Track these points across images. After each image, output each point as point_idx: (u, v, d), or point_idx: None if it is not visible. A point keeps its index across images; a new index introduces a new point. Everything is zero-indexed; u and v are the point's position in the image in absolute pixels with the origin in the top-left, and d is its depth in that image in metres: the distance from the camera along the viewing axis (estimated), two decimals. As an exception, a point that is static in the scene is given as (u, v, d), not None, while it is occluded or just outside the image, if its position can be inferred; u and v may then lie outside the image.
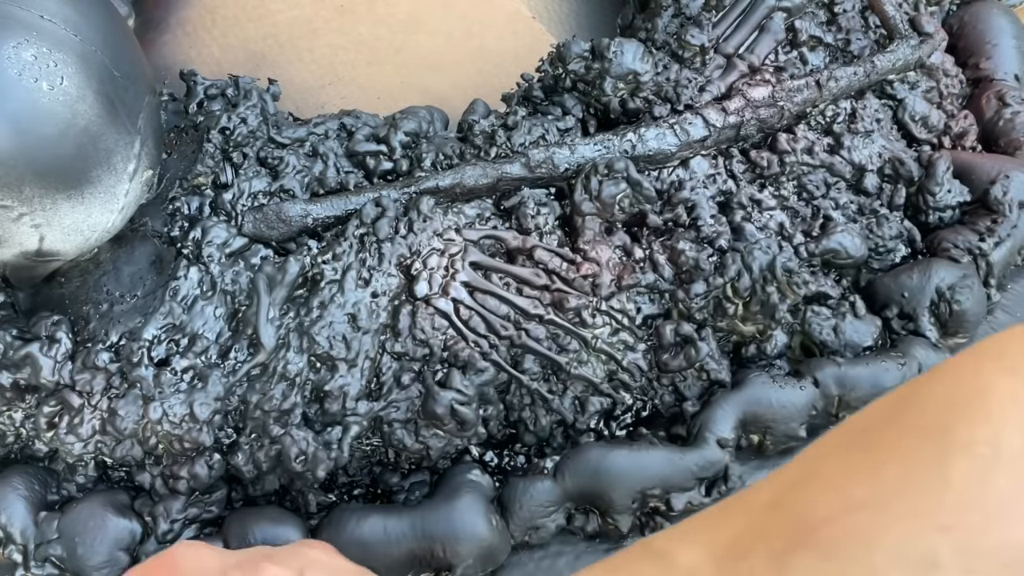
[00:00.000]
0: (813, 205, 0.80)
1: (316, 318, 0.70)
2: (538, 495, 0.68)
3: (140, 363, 0.68)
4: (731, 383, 0.74)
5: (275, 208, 0.74)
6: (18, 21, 0.63)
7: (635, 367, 0.74)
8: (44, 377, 0.68)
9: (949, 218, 0.82)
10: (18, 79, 0.62)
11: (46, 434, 0.69)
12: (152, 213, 0.75)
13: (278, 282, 0.71)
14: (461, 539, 0.65)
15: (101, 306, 0.72)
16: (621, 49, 0.80)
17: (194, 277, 0.71)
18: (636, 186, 0.75)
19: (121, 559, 0.66)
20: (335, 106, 0.89)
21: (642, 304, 0.74)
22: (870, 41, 0.88)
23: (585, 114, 0.82)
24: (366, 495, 0.71)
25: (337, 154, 0.79)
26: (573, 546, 0.69)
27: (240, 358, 0.70)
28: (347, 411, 0.69)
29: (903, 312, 0.77)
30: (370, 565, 0.65)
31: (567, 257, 0.74)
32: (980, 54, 0.91)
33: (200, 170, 0.75)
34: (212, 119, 0.78)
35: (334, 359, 0.70)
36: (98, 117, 0.66)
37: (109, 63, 0.67)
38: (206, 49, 0.96)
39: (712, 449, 0.70)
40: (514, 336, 0.72)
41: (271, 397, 0.69)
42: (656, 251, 0.76)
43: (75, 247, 0.70)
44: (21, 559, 0.67)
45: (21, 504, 0.67)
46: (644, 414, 0.75)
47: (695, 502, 0.70)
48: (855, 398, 0.73)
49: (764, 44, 0.85)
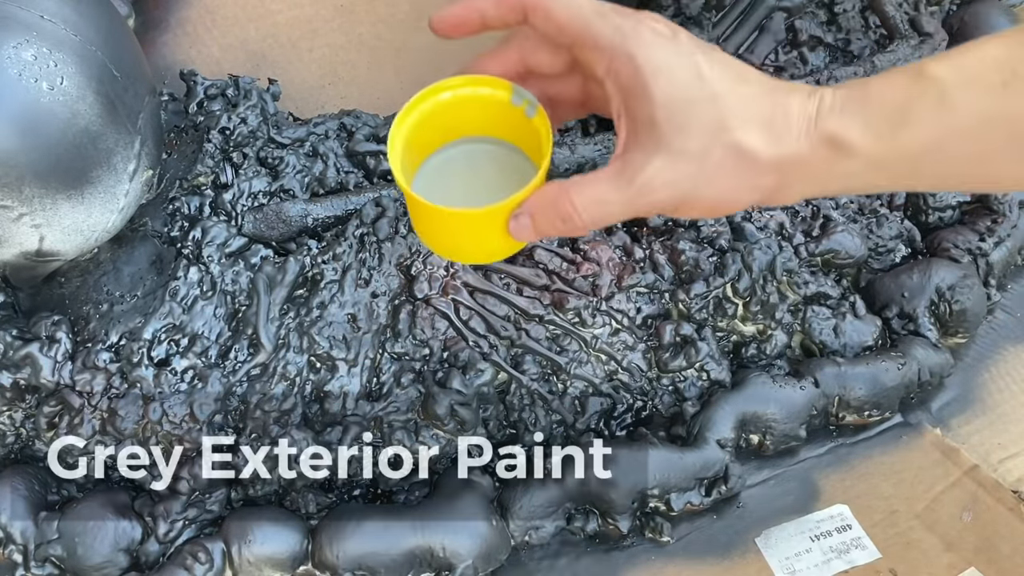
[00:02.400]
0: (813, 205, 0.80)
1: (316, 318, 0.70)
2: (538, 495, 0.68)
3: (140, 363, 0.68)
4: (731, 383, 0.74)
5: (275, 208, 0.74)
6: (18, 21, 0.63)
7: (635, 367, 0.74)
8: (44, 377, 0.68)
9: (949, 218, 0.82)
10: (18, 79, 0.62)
11: (46, 434, 0.69)
12: (152, 213, 0.75)
13: (278, 282, 0.71)
14: (461, 539, 0.65)
15: (101, 306, 0.72)
16: (621, 49, 0.79)
17: (194, 277, 0.71)
18: (636, 186, 0.75)
19: (121, 559, 0.66)
20: (335, 106, 0.89)
21: (642, 304, 0.74)
22: (870, 41, 0.88)
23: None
24: (366, 495, 0.71)
25: (337, 154, 0.79)
26: (573, 546, 0.69)
27: (240, 358, 0.70)
28: (347, 411, 0.69)
29: (903, 312, 0.77)
30: (370, 565, 0.65)
31: (567, 257, 0.74)
32: (980, 54, 0.91)
33: (200, 170, 0.75)
34: (212, 119, 0.78)
35: (334, 359, 0.70)
36: (98, 117, 0.66)
37: (109, 63, 0.67)
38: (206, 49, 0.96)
39: (712, 449, 0.70)
40: (514, 336, 0.72)
41: (271, 397, 0.69)
42: (656, 251, 0.75)
43: (75, 247, 0.70)
44: (21, 559, 0.67)
45: (21, 504, 0.67)
46: (644, 414, 0.75)
47: (695, 502, 0.70)
48: (855, 398, 0.73)
49: (764, 44, 0.85)
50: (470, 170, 0.56)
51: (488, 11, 0.53)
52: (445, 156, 0.56)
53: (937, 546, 0.67)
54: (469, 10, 0.53)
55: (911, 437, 0.73)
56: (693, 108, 0.48)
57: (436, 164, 0.56)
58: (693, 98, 0.48)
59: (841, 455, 0.73)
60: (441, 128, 0.55)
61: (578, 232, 0.52)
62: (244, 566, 0.65)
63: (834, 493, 0.71)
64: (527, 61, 0.54)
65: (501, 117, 0.55)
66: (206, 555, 0.65)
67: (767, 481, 0.72)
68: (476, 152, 0.57)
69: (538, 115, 0.53)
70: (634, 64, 0.49)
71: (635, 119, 0.49)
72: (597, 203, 0.50)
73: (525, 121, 0.54)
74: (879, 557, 0.67)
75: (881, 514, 0.69)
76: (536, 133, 0.53)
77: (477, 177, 0.56)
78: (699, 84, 0.48)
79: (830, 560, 0.67)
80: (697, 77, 0.48)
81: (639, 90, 0.49)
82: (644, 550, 0.69)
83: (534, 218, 0.52)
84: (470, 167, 0.56)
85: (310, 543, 0.66)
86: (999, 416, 0.75)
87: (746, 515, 0.70)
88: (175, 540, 0.67)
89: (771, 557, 0.68)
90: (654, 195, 0.49)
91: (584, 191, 0.50)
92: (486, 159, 0.56)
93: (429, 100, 0.54)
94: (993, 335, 0.79)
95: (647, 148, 0.49)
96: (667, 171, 0.48)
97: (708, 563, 0.68)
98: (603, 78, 0.51)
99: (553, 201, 0.51)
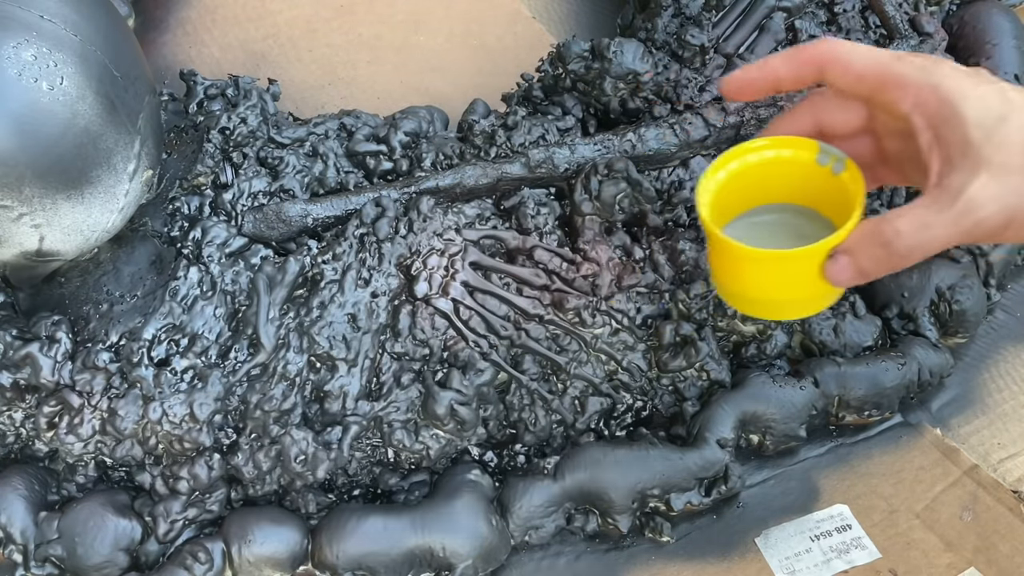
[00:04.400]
0: (813, 205, 0.80)
1: (316, 318, 0.70)
2: (538, 495, 0.68)
3: (140, 363, 0.68)
4: (731, 383, 0.74)
5: (275, 208, 0.74)
6: (18, 21, 0.63)
7: (635, 367, 0.74)
8: (44, 377, 0.68)
9: (949, 218, 0.82)
10: (18, 79, 0.62)
11: (46, 434, 0.69)
12: (152, 213, 0.75)
13: (278, 282, 0.71)
14: (461, 539, 0.65)
15: (101, 306, 0.72)
16: (621, 49, 0.80)
17: (194, 277, 0.71)
18: (636, 186, 0.75)
19: (121, 559, 0.66)
20: (335, 106, 0.89)
21: (642, 304, 0.74)
22: (870, 41, 0.88)
23: (585, 114, 0.82)
24: (366, 495, 0.71)
25: (337, 154, 0.79)
26: (573, 546, 0.69)
27: (240, 358, 0.70)
28: (347, 411, 0.69)
29: (903, 312, 0.77)
30: (370, 565, 0.65)
31: (567, 257, 0.74)
32: (980, 54, 0.91)
33: (200, 170, 0.75)
34: (212, 119, 0.78)
35: (334, 359, 0.70)
36: (98, 117, 0.66)
37: (109, 63, 0.67)
38: (206, 49, 0.96)
39: (712, 449, 0.70)
40: (514, 336, 0.72)
41: (271, 397, 0.69)
42: (656, 251, 0.75)
43: (75, 247, 0.70)
44: (21, 559, 0.67)
45: (21, 504, 0.67)
46: (644, 414, 0.75)
47: (695, 502, 0.70)
48: (855, 398, 0.73)
49: (764, 44, 0.85)
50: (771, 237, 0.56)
51: (782, 71, 0.54)
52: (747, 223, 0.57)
53: (937, 546, 0.67)
54: (763, 72, 0.54)
55: (911, 437, 0.73)
56: (1009, 123, 0.49)
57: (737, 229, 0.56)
58: (1006, 114, 0.49)
59: (841, 455, 0.73)
60: (744, 190, 0.56)
61: (901, 263, 0.52)
62: (244, 566, 0.65)
63: (834, 493, 0.71)
64: (820, 122, 0.56)
65: (805, 179, 0.55)
66: (206, 555, 0.65)
67: (767, 481, 0.72)
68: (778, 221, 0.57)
69: (847, 169, 0.54)
70: (941, 92, 0.50)
71: (948, 145, 0.50)
72: (920, 227, 0.50)
73: (831, 180, 0.54)
74: (879, 557, 0.67)
75: (881, 514, 0.69)
76: (842, 190, 0.53)
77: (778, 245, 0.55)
78: (1008, 103, 0.49)
79: (830, 560, 0.67)
80: (1004, 99, 0.50)
81: (950, 115, 0.50)
82: (644, 550, 0.69)
83: (853, 254, 0.52)
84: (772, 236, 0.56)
85: (310, 543, 0.66)
86: (999, 416, 0.75)
87: (746, 515, 0.70)
88: (175, 540, 0.67)
89: (771, 557, 0.68)
90: (981, 211, 0.49)
91: (904, 217, 0.50)
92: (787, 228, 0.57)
93: (738, 159, 0.55)
94: (993, 335, 0.79)
95: (966, 169, 0.49)
96: (992, 186, 0.49)
97: (708, 563, 0.68)
98: (909, 113, 0.51)
99: (872, 231, 0.51)
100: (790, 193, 0.57)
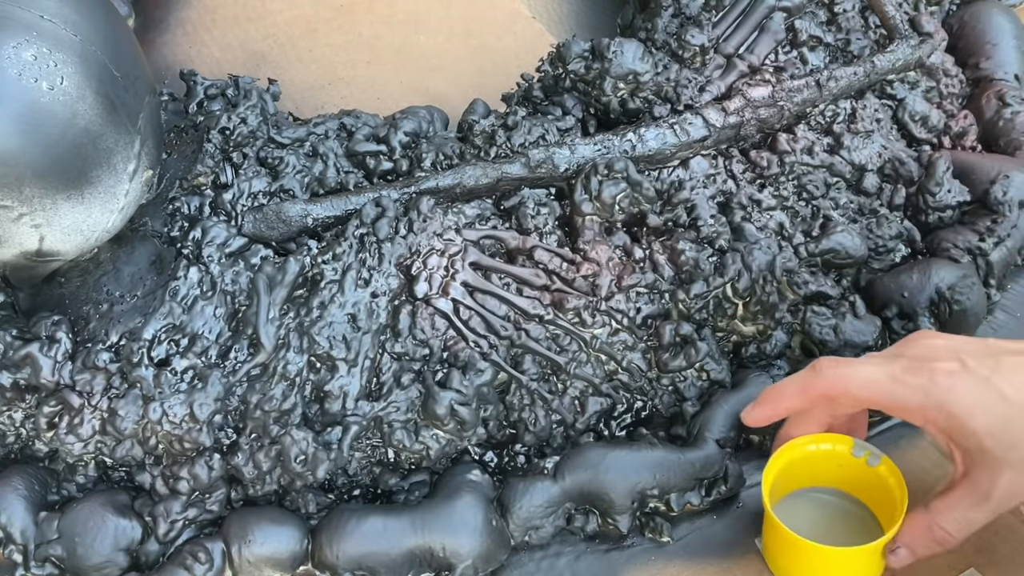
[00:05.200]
0: (813, 205, 0.80)
1: (316, 318, 0.70)
2: (538, 495, 0.68)
3: (140, 363, 0.68)
4: (731, 383, 0.74)
5: (275, 208, 0.74)
6: (18, 21, 0.63)
7: (635, 367, 0.74)
8: (44, 377, 0.68)
9: (949, 218, 0.82)
10: (18, 79, 0.62)
11: (46, 434, 0.69)
12: (152, 213, 0.75)
13: (278, 282, 0.71)
14: (461, 539, 0.65)
15: (101, 306, 0.72)
16: (621, 49, 0.80)
17: (194, 277, 0.71)
18: (636, 186, 0.75)
19: (121, 559, 0.66)
20: (335, 106, 0.89)
21: (642, 304, 0.74)
22: (870, 41, 0.88)
23: (585, 114, 0.82)
24: (366, 495, 0.71)
25: (337, 154, 0.79)
26: (573, 546, 0.69)
27: (240, 358, 0.70)
28: (347, 411, 0.69)
29: (903, 312, 0.77)
30: (370, 565, 0.65)
31: (567, 257, 0.74)
32: (980, 54, 0.91)
33: (200, 170, 0.75)
34: (212, 119, 0.78)
35: (334, 359, 0.70)
36: (98, 117, 0.66)
37: (109, 63, 0.67)
38: (206, 49, 0.96)
39: (712, 449, 0.70)
40: (514, 336, 0.72)
41: (271, 397, 0.69)
42: (656, 251, 0.75)
43: (75, 247, 0.70)
44: (21, 559, 0.67)
45: (21, 504, 0.67)
46: (644, 414, 0.75)
47: (695, 502, 0.70)
48: (855, 398, 0.73)
49: (764, 44, 0.85)
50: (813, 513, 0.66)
51: (795, 406, 0.65)
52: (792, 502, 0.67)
53: (937, 546, 0.67)
54: (779, 409, 0.66)
55: (911, 437, 0.72)
56: (1013, 424, 0.57)
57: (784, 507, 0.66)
58: (1010, 416, 0.57)
59: (841, 455, 0.73)
60: (794, 475, 0.66)
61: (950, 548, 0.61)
62: (244, 566, 0.65)
63: (834, 493, 0.71)
64: (830, 423, 0.66)
65: (843, 467, 0.65)
66: (206, 555, 0.65)
67: (767, 481, 0.72)
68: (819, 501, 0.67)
69: (883, 463, 0.64)
70: (947, 412, 0.58)
71: (966, 450, 0.58)
72: (966, 524, 0.60)
73: (867, 469, 0.64)
74: (879, 557, 0.67)
75: (881, 514, 0.69)
76: (880, 480, 0.64)
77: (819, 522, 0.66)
78: (1007, 403, 0.57)
79: (830, 560, 0.67)
80: (1002, 399, 0.57)
81: (960, 430, 0.58)
82: (644, 550, 0.69)
83: (912, 548, 0.61)
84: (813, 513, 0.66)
85: (310, 543, 0.66)
86: (999, 416, 0.75)
87: (746, 515, 0.70)
88: (175, 540, 0.67)
89: (771, 557, 0.68)
90: (1015, 500, 0.60)
91: (950, 516, 0.60)
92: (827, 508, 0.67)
93: (796, 450, 0.65)
94: (993, 335, 0.79)
95: (989, 467, 0.58)
96: (1019, 479, 0.58)
97: (708, 563, 0.68)
98: (922, 427, 0.61)
99: (927, 530, 0.60)
100: (833, 479, 0.67)
